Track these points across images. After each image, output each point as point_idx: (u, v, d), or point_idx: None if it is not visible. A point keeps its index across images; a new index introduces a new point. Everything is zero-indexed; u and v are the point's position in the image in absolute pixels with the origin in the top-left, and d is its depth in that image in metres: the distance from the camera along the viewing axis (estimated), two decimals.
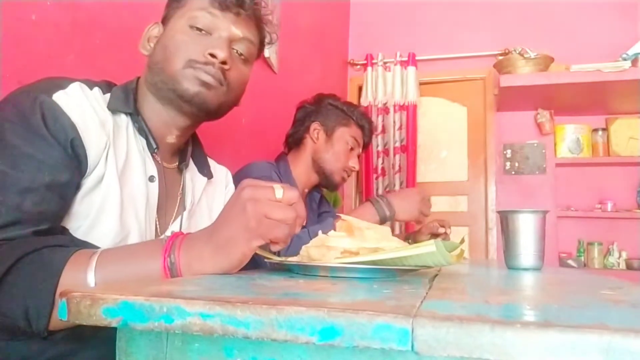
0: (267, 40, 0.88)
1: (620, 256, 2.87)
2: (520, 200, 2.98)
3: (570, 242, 2.97)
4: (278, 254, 0.66)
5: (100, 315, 0.35)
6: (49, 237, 0.59)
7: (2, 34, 0.84)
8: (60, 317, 0.36)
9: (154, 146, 0.78)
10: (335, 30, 3.11)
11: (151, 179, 0.77)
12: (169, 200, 0.82)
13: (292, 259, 0.67)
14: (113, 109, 0.74)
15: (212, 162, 0.99)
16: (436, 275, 0.68)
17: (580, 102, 2.83)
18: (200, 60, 0.75)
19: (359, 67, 3.29)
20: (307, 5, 2.44)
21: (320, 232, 0.70)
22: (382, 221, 1.35)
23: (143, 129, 0.78)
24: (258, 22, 0.84)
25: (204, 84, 0.75)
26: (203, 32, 0.77)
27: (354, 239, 0.63)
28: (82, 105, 0.67)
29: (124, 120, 0.77)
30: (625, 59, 2.58)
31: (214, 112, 0.80)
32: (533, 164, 3.04)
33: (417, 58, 3.08)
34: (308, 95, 1.63)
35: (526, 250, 0.94)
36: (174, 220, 0.81)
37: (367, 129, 1.58)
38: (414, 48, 3.09)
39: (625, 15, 2.90)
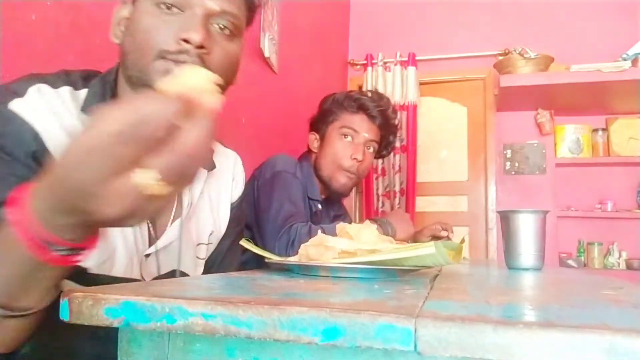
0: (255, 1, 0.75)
1: (620, 256, 2.87)
2: (520, 200, 2.98)
3: (570, 242, 2.97)
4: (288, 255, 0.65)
5: (102, 316, 0.35)
6: None
7: (2, 34, 0.84)
8: (62, 317, 0.36)
9: None
10: (335, 30, 3.11)
11: None
12: None
13: (292, 259, 0.67)
14: (89, 109, 0.64)
15: (218, 147, 0.89)
16: (437, 275, 0.68)
17: (580, 102, 2.83)
18: (172, 49, 0.64)
19: (359, 67, 3.29)
20: (307, 5, 2.44)
21: (319, 231, 0.71)
22: None
23: None
24: None
25: None
26: (174, 9, 0.66)
27: (352, 240, 0.64)
28: (42, 112, 0.60)
29: None
30: (625, 59, 2.58)
31: None
32: (533, 164, 3.04)
33: (417, 58, 3.08)
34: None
35: (526, 250, 0.94)
36: (171, 223, 0.75)
37: (371, 106, 1.41)
38: (414, 48, 3.09)
39: (625, 15, 2.90)
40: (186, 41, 0.64)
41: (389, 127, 1.48)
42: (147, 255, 0.72)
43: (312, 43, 2.57)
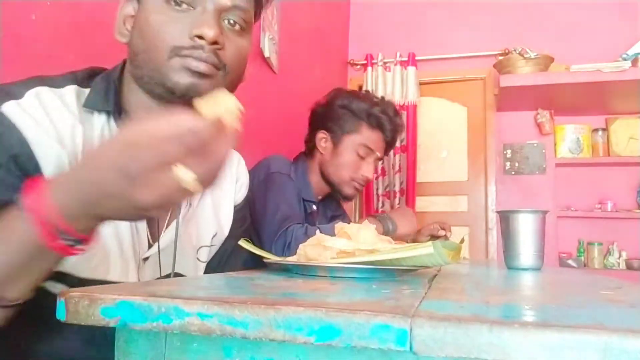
0: None
1: (620, 256, 2.87)
2: (520, 200, 2.98)
3: (570, 242, 2.97)
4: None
5: (98, 315, 0.35)
6: None
7: (2, 34, 0.84)
8: (59, 317, 0.36)
9: None
10: (335, 30, 3.11)
11: None
12: None
13: (291, 259, 0.67)
14: (90, 107, 0.66)
15: None
16: (435, 275, 0.68)
17: (580, 102, 2.83)
18: (186, 45, 0.64)
19: (359, 67, 3.29)
20: (307, 5, 2.44)
21: (318, 231, 0.71)
22: (385, 235, 1.36)
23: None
24: None
25: (196, 74, 0.65)
26: (184, 5, 0.66)
27: (350, 240, 0.63)
28: (36, 118, 0.59)
29: (101, 121, 0.67)
30: (625, 59, 2.58)
31: None
32: (533, 164, 3.04)
33: (417, 58, 3.08)
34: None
35: (526, 250, 0.94)
36: (166, 227, 0.74)
37: (388, 128, 1.44)
38: (414, 48, 3.09)
39: (625, 15, 2.90)
40: (200, 37, 0.64)
41: (394, 145, 1.54)
42: (146, 259, 0.71)
43: (312, 43, 2.57)
